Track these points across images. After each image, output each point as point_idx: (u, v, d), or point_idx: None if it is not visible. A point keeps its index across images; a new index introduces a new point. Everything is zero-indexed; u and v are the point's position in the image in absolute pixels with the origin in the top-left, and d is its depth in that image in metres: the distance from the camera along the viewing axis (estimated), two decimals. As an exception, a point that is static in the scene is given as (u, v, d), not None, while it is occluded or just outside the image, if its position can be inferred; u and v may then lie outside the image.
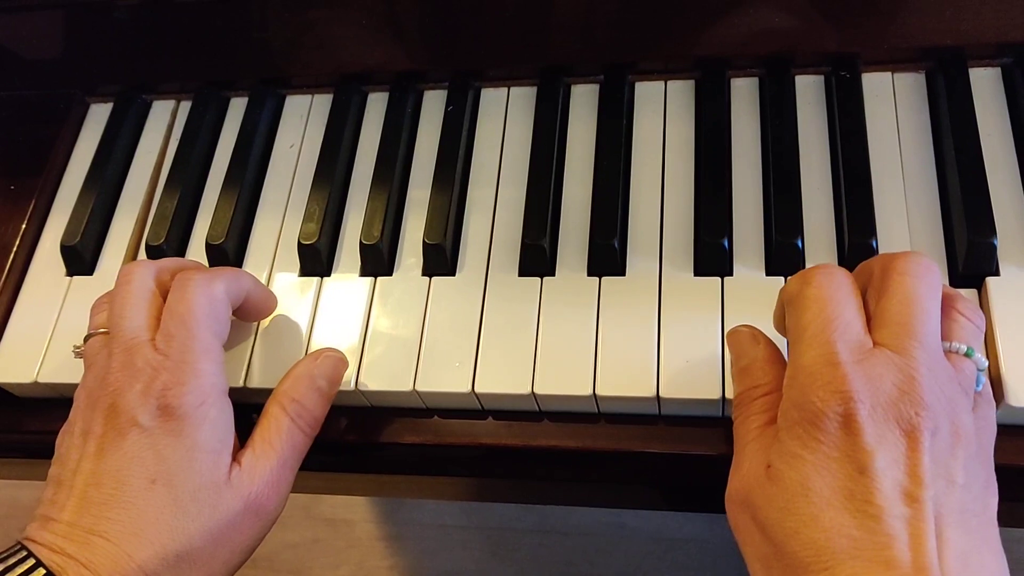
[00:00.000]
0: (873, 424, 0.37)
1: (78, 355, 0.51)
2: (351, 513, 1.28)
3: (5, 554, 0.43)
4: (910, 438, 0.37)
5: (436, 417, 0.52)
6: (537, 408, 0.50)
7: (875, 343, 0.39)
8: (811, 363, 0.39)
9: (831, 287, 0.40)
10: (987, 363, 0.41)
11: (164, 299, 0.48)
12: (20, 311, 0.58)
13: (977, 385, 0.41)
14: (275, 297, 0.54)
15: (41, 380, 0.54)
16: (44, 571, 0.41)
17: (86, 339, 0.50)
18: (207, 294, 0.47)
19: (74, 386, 0.54)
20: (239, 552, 0.45)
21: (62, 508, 0.44)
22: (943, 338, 0.41)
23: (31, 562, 0.41)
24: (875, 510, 0.36)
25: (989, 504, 0.39)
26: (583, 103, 0.59)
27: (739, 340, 0.45)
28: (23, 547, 0.43)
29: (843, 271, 0.41)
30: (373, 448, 0.53)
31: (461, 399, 0.50)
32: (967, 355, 0.41)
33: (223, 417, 0.46)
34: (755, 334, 0.45)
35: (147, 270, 0.49)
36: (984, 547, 0.38)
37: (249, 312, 0.52)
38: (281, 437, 0.47)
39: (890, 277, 0.40)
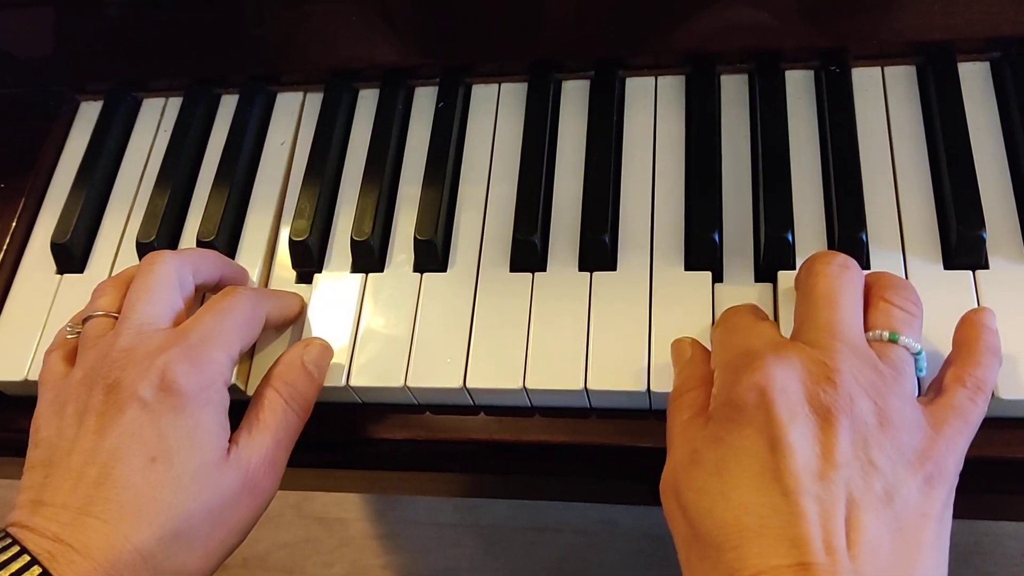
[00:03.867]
0: (787, 405, 0.38)
1: (73, 336, 0.50)
2: (344, 512, 1.28)
3: None
4: (825, 420, 0.38)
5: (428, 413, 0.52)
6: (528, 403, 0.50)
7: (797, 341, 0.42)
8: (732, 358, 0.42)
9: (746, 319, 0.45)
10: (919, 347, 0.42)
11: (184, 295, 0.49)
12: (10, 309, 0.58)
13: (918, 371, 0.42)
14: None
15: (32, 378, 0.54)
16: (29, 558, 0.39)
17: (85, 320, 0.49)
18: (254, 308, 0.48)
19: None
20: (235, 532, 0.45)
21: (57, 490, 0.42)
22: (867, 328, 0.42)
23: (15, 549, 0.40)
24: (783, 487, 0.37)
25: (931, 496, 0.38)
26: (574, 98, 0.59)
27: (678, 347, 0.48)
28: (7, 535, 0.41)
29: (750, 306, 0.47)
30: (365, 444, 0.53)
31: (452, 395, 0.50)
32: (891, 340, 0.41)
33: (223, 405, 0.46)
34: (692, 341, 0.48)
35: (171, 262, 0.49)
36: (908, 540, 0.37)
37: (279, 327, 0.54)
38: (276, 418, 0.47)
39: (807, 279, 0.44)
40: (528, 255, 0.53)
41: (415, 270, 0.54)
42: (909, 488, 0.38)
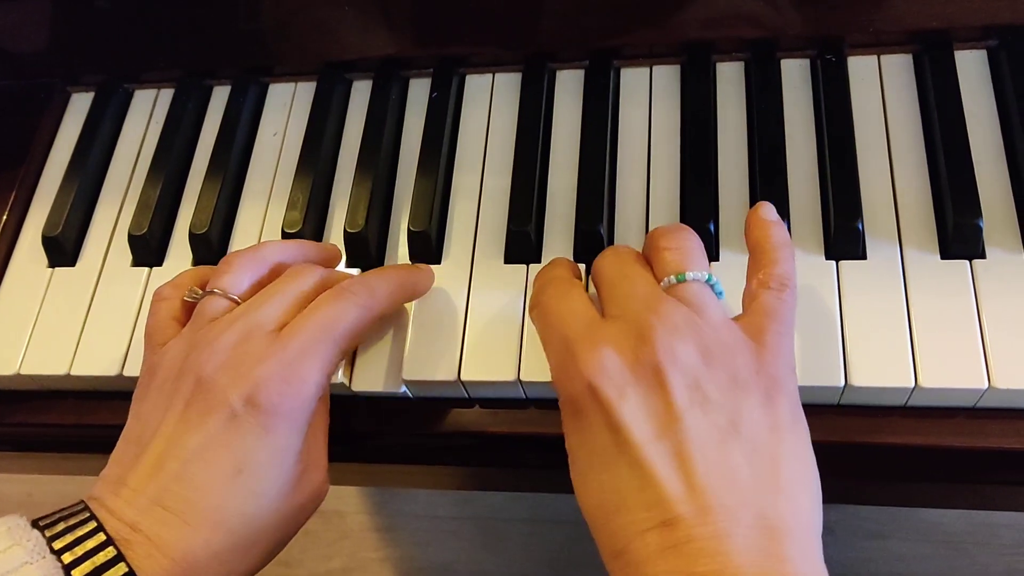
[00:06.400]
0: (612, 384, 0.39)
1: (190, 299, 0.48)
2: (343, 505, 1.28)
3: (67, 513, 0.40)
4: (655, 378, 0.39)
5: (423, 406, 0.52)
6: (524, 395, 0.50)
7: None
8: (555, 357, 0.42)
9: (553, 297, 0.44)
10: (708, 273, 0.43)
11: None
12: (2, 303, 0.57)
13: (718, 295, 0.43)
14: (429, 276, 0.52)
15: (24, 372, 0.54)
16: (105, 537, 0.39)
17: (205, 292, 0.47)
18: (361, 315, 0.46)
19: (57, 378, 0.54)
20: (294, 532, 0.45)
21: (135, 469, 0.42)
22: (657, 280, 0.43)
23: (92, 525, 0.39)
24: (628, 460, 0.38)
25: (775, 408, 0.39)
26: (568, 89, 0.59)
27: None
28: (86, 507, 0.41)
29: (559, 268, 0.46)
30: (361, 438, 0.53)
31: (447, 388, 0.50)
32: (680, 281, 0.42)
33: (308, 419, 0.44)
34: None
35: (312, 277, 0.47)
36: (764, 458, 0.38)
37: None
38: (326, 422, 0.48)
39: (594, 277, 0.45)
40: (523, 246, 0.52)
41: (410, 261, 0.54)
42: (751, 410, 0.39)
